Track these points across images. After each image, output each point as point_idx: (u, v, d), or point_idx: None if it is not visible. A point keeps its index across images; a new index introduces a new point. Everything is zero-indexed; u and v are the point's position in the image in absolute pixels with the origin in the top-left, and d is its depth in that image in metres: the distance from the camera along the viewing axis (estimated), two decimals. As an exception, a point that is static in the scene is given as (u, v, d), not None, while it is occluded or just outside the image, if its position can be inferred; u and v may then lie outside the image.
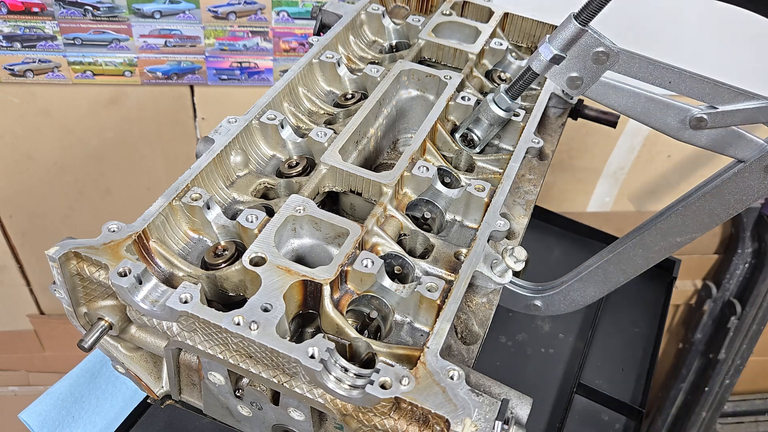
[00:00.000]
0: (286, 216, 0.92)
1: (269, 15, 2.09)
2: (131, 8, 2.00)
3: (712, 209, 1.07)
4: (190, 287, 0.81)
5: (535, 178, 1.15)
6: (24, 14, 1.97)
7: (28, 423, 1.42)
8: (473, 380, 0.81)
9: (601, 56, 0.92)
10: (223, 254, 0.93)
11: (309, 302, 0.87)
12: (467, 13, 1.41)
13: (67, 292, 0.87)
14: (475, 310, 0.95)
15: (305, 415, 0.85)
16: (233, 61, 2.17)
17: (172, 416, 1.35)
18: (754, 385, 3.41)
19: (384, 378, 0.74)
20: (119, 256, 0.84)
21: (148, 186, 2.45)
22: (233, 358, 0.80)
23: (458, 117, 1.18)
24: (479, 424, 0.72)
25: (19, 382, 3.00)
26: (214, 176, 1.02)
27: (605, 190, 2.81)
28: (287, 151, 1.11)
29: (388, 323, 0.90)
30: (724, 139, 0.98)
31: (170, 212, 0.94)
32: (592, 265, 1.21)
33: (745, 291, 3.02)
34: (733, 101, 0.93)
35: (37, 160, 2.30)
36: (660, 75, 0.93)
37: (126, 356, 0.99)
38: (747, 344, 3.09)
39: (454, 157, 1.14)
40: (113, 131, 2.28)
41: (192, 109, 2.28)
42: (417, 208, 1.05)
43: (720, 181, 1.04)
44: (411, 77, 1.20)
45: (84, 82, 2.14)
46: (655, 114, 1.00)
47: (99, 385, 1.50)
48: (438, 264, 0.94)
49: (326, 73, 1.24)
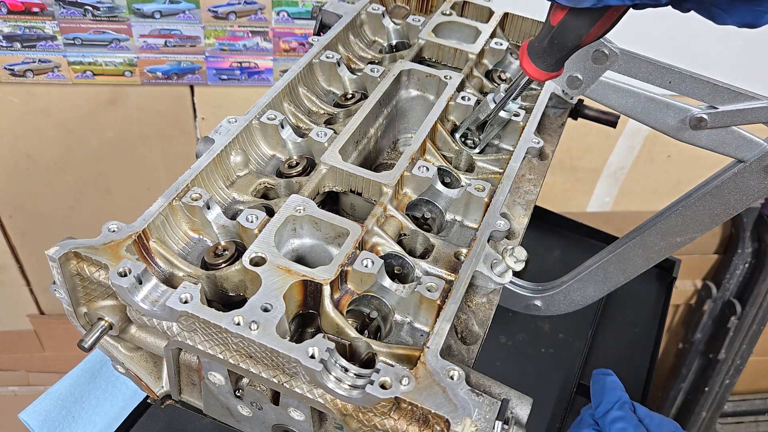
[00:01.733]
0: (286, 216, 0.92)
1: (269, 15, 2.09)
2: (131, 8, 2.00)
3: (712, 209, 1.07)
4: (190, 287, 0.81)
5: (535, 178, 1.15)
6: (24, 14, 1.97)
7: (28, 423, 1.42)
8: (473, 380, 0.80)
9: (601, 56, 0.92)
10: (223, 254, 0.93)
11: (309, 302, 0.87)
12: (467, 13, 1.41)
13: (67, 292, 0.87)
14: (475, 310, 0.95)
15: (305, 415, 0.85)
16: (233, 61, 2.17)
17: (172, 416, 1.36)
18: (754, 385, 3.41)
19: (384, 378, 0.74)
20: (119, 256, 0.84)
21: (148, 186, 2.45)
22: (233, 358, 0.80)
23: (458, 117, 1.18)
24: (479, 424, 0.72)
25: (19, 382, 3.00)
26: (214, 176, 1.02)
27: (605, 190, 2.81)
28: (287, 151, 1.11)
29: (388, 323, 0.90)
30: (724, 139, 0.98)
31: (170, 212, 0.94)
32: (592, 265, 1.21)
33: (745, 291, 3.02)
34: (733, 101, 0.93)
35: (37, 160, 2.30)
36: (660, 75, 0.94)
37: (126, 356, 0.99)
38: (747, 344, 3.09)
39: (454, 157, 1.14)
40: (113, 131, 2.28)
41: (192, 109, 2.28)
42: (417, 208, 1.05)
43: (720, 181, 1.04)
44: (411, 77, 1.20)
45: (84, 82, 2.14)
46: (655, 114, 1.00)
47: (99, 385, 1.50)
48: (438, 264, 0.94)
49: (326, 73, 1.24)
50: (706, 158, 1.11)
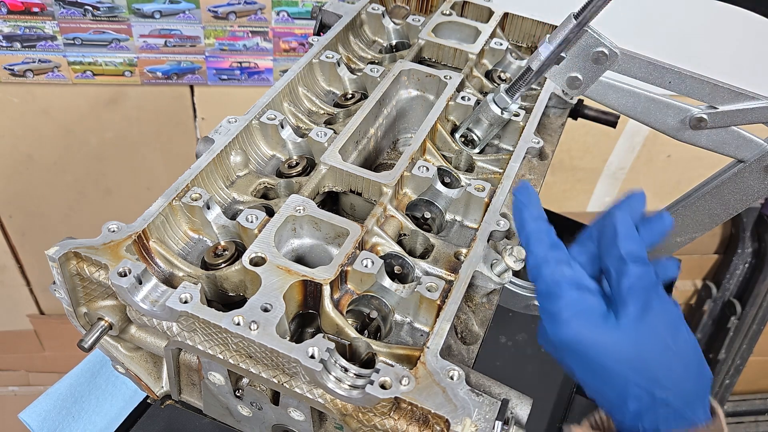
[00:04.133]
0: (286, 216, 0.92)
1: (269, 15, 2.09)
2: (131, 8, 2.00)
3: (712, 209, 1.07)
4: (190, 287, 0.81)
5: (535, 178, 1.15)
6: (24, 14, 1.97)
7: (28, 423, 1.42)
8: (473, 380, 0.80)
9: (601, 56, 0.92)
10: (223, 254, 0.93)
11: (309, 302, 0.87)
12: (467, 13, 1.41)
13: (67, 292, 0.87)
14: (475, 310, 0.95)
15: (305, 415, 0.85)
16: (233, 61, 2.17)
17: (172, 416, 1.35)
18: (754, 385, 3.41)
19: (384, 378, 0.74)
20: (119, 256, 0.84)
21: (148, 186, 2.45)
22: (233, 358, 0.80)
23: (458, 117, 1.18)
24: (479, 424, 0.72)
25: (19, 382, 3.00)
26: (214, 176, 1.02)
27: (605, 190, 2.81)
28: (287, 151, 1.11)
29: (388, 323, 0.90)
30: (724, 139, 0.98)
31: (170, 212, 0.94)
32: (592, 265, 1.21)
33: (745, 291, 3.02)
34: (733, 101, 0.93)
35: (37, 160, 2.30)
36: (660, 75, 0.93)
37: (126, 356, 0.99)
38: (747, 344, 3.09)
39: (454, 157, 1.14)
40: (113, 131, 2.28)
41: (192, 109, 2.28)
42: (417, 208, 1.05)
43: (720, 181, 1.04)
44: (411, 77, 1.20)
45: (84, 82, 2.14)
46: (655, 114, 1.00)
47: (99, 385, 1.50)
48: (438, 264, 0.94)
49: (326, 73, 1.24)
50: (706, 158, 1.11)
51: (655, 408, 0.76)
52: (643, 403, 0.76)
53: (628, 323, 0.77)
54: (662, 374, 0.76)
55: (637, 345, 0.76)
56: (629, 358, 0.76)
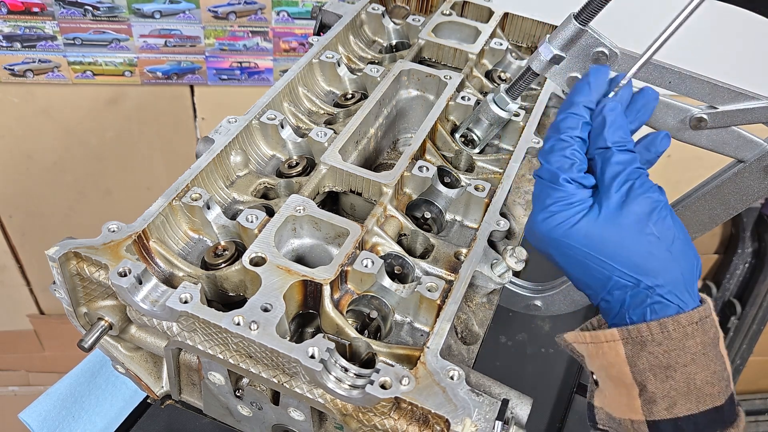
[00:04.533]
0: (286, 216, 0.92)
1: (269, 15, 2.09)
2: (131, 8, 2.00)
3: (712, 209, 1.07)
4: (190, 287, 0.81)
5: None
6: (24, 14, 1.97)
7: (28, 423, 1.42)
8: (473, 380, 0.81)
9: (601, 56, 0.92)
10: (223, 254, 0.93)
11: (309, 302, 0.87)
12: (467, 13, 1.41)
13: (67, 292, 0.87)
14: (475, 310, 0.95)
15: (305, 415, 0.85)
16: (233, 61, 2.17)
17: (172, 416, 1.35)
18: (754, 385, 3.40)
19: (384, 378, 0.74)
20: (119, 256, 0.84)
21: (148, 186, 2.45)
22: (233, 358, 0.80)
23: (458, 117, 1.18)
24: (479, 424, 0.72)
25: (19, 382, 3.00)
26: (214, 176, 1.02)
27: (605, 190, 2.81)
28: (287, 151, 1.11)
29: (388, 323, 0.90)
30: (724, 139, 0.97)
31: (170, 212, 0.94)
32: (592, 265, 1.21)
33: (745, 291, 3.02)
34: (733, 101, 0.93)
35: (37, 160, 2.30)
36: (660, 75, 0.93)
37: (126, 356, 0.99)
38: (747, 344, 3.09)
39: (454, 157, 1.14)
40: (113, 131, 2.28)
41: (192, 109, 2.28)
42: (417, 208, 1.05)
43: (720, 181, 1.04)
44: (411, 77, 1.20)
45: (84, 82, 2.14)
46: (655, 114, 1.00)
47: (99, 385, 1.50)
48: (438, 264, 0.94)
49: (326, 73, 1.24)
50: (706, 158, 1.11)
51: (640, 295, 0.75)
52: (627, 291, 0.75)
53: (609, 212, 0.76)
54: (645, 261, 0.75)
55: (619, 233, 0.75)
56: (611, 247, 0.75)
